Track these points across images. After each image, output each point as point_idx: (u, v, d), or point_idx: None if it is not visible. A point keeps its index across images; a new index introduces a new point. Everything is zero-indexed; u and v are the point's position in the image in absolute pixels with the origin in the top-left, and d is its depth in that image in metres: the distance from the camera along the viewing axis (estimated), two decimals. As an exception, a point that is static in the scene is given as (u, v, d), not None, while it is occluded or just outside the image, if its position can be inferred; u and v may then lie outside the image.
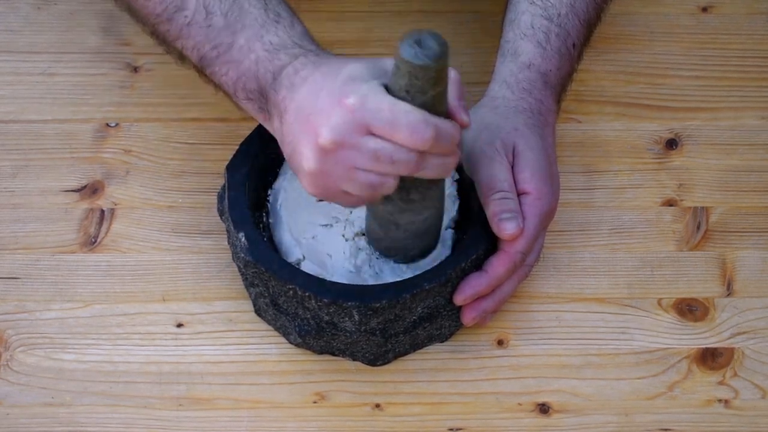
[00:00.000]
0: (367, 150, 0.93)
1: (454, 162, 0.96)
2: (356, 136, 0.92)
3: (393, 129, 0.91)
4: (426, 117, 0.91)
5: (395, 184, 0.95)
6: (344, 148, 0.93)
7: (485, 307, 1.05)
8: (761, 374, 1.08)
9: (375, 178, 0.94)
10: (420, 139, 0.91)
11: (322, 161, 0.94)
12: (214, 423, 1.05)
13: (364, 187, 0.95)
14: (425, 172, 0.94)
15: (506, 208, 1.03)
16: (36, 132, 1.20)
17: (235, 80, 1.01)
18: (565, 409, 1.06)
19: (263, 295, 1.06)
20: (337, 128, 0.92)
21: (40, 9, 1.28)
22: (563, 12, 1.11)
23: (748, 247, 1.15)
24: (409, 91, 0.91)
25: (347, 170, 0.94)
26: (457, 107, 0.95)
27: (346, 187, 0.95)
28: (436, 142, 0.92)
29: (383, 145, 0.92)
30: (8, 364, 1.07)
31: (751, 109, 1.23)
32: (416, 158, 0.93)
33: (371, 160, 0.93)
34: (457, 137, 0.94)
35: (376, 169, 0.93)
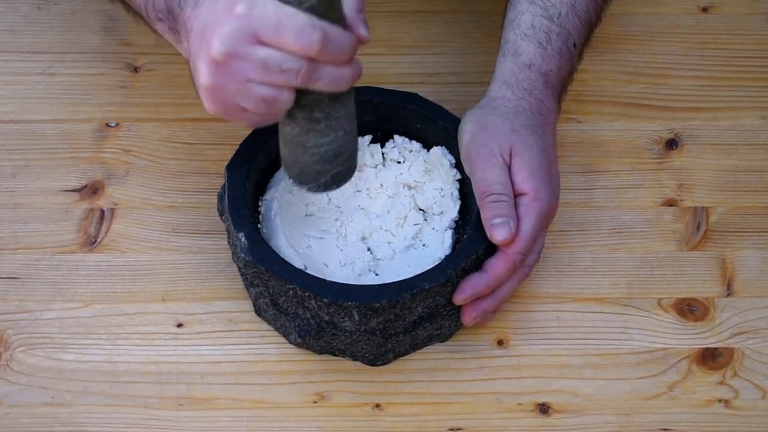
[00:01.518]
0: (257, 59, 0.90)
1: (350, 74, 0.93)
2: (245, 45, 0.90)
3: (279, 33, 0.89)
4: (312, 20, 0.89)
5: (290, 97, 0.93)
6: (235, 59, 0.91)
7: (485, 308, 1.05)
8: (761, 374, 1.08)
9: (268, 90, 0.92)
10: (306, 42, 0.89)
11: (215, 75, 0.92)
12: (214, 423, 1.05)
13: (259, 101, 0.93)
14: (319, 83, 0.92)
15: (498, 212, 1.02)
16: (36, 132, 1.20)
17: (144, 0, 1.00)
18: (565, 409, 1.06)
19: (263, 295, 1.06)
20: (226, 38, 0.90)
21: (40, 9, 1.28)
22: (564, 12, 1.11)
23: (748, 247, 1.15)
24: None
25: (240, 83, 0.92)
26: (355, 19, 0.92)
27: (242, 101, 0.93)
28: (324, 47, 0.89)
29: (271, 53, 0.90)
30: (8, 364, 1.07)
31: (751, 109, 1.23)
32: (306, 66, 0.90)
33: (261, 69, 0.91)
34: (350, 47, 0.91)
35: (267, 79, 0.91)
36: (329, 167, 1.00)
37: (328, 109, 0.96)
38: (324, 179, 1.01)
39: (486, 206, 1.03)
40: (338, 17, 0.91)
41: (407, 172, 1.12)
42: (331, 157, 1.00)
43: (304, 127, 0.97)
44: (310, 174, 1.01)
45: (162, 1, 0.99)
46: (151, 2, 1.00)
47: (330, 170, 1.01)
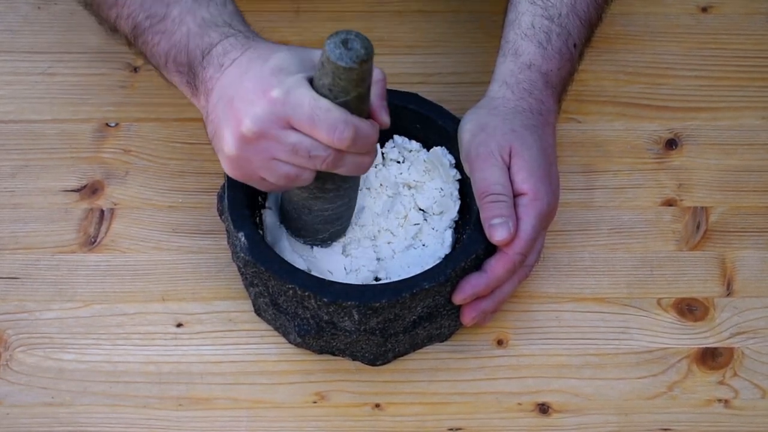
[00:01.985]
0: (287, 143, 0.95)
1: (369, 161, 0.98)
2: (277, 128, 0.94)
3: (313, 126, 0.93)
4: (346, 117, 0.93)
5: (312, 176, 0.97)
6: (265, 138, 0.95)
7: (485, 308, 1.05)
8: (761, 374, 1.08)
9: (292, 170, 0.97)
10: (338, 138, 0.93)
11: (242, 148, 0.96)
12: (214, 423, 1.05)
13: (281, 177, 0.97)
14: (342, 169, 0.97)
15: (497, 212, 1.03)
16: (36, 132, 1.20)
17: (166, 51, 1.03)
18: (565, 409, 1.06)
19: (263, 294, 1.06)
20: (259, 119, 0.94)
21: (40, 9, 1.28)
22: (564, 12, 1.11)
23: (748, 247, 1.15)
24: (332, 89, 0.93)
25: (266, 160, 0.96)
26: (378, 107, 0.97)
27: (264, 174, 0.98)
28: (354, 141, 0.94)
29: (302, 140, 0.95)
30: (8, 364, 1.07)
31: (751, 109, 1.23)
32: (333, 155, 0.95)
33: (290, 153, 0.95)
34: (374, 138, 0.96)
35: (294, 161, 0.96)
36: (329, 227, 1.06)
37: (340, 182, 1.02)
38: (322, 236, 1.07)
39: (485, 206, 1.03)
40: (366, 109, 0.96)
41: (407, 171, 1.12)
42: (334, 219, 1.05)
43: (314, 194, 1.02)
44: (309, 231, 1.07)
45: (184, 56, 1.02)
46: (173, 56, 1.02)
47: (329, 230, 1.06)
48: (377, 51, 1.26)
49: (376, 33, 1.28)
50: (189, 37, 1.01)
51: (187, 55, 1.01)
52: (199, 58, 1.01)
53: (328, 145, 0.94)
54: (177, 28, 1.02)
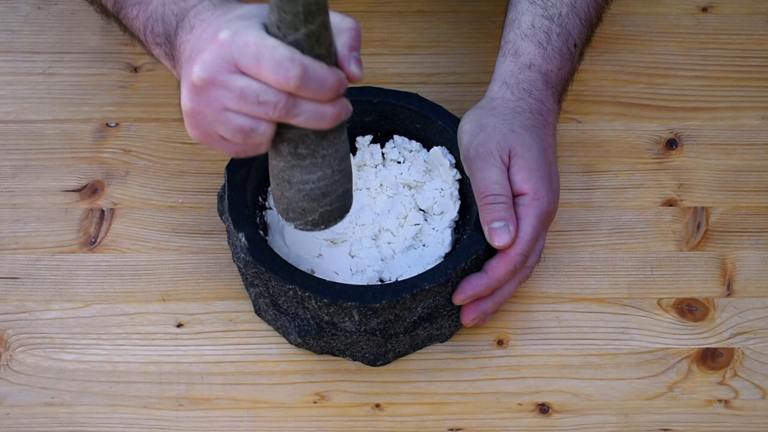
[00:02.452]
0: (234, 88, 0.88)
1: (333, 112, 0.90)
2: (225, 72, 0.88)
3: (258, 64, 0.87)
4: (293, 54, 0.87)
5: (268, 129, 0.90)
6: (214, 85, 0.89)
7: (485, 308, 1.05)
8: (761, 374, 1.08)
9: (245, 120, 0.90)
10: (284, 76, 0.87)
11: (195, 100, 0.90)
12: (214, 423, 1.05)
13: (236, 130, 0.90)
14: (298, 119, 0.89)
15: (497, 215, 1.02)
16: (36, 132, 1.20)
17: (144, 23, 0.99)
18: (565, 409, 1.06)
19: (263, 295, 1.06)
20: (206, 64, 0.88)
21: (40, 9, 1.28)
22: (564, 12, 1.11)
23: (748, 247, 1.15)
24: (280, 27, 0.87)
25: (218, 111, 0.90)
26: (346, 56, 0.90)
27: (219, 129, 0.91)
28: (304, 82, 0.87)
29: (250, 83, 0.88)
30: (8, 364, 1.07)
31: (751, 109, 1.23)
32: (285, 100, 0.88)
33: (239, 99, 0.89)
34: (334, 83, 0.88)
35: (245, 110, 0.89)
36: (316, 206, 0.98)
37: (314, 146, 0.94)
38: (311, 217, 0.99)
39: (484, 207, 1.03)
40: (326, 53, 0.89)
41: (407, 171, 1.12)
42: (318, 195, 0.97)
43: (290, 162, 0.95)
44: (296, 211, 0.99)
45: (160, 26, 0.98)
46: (150, 26, 0.99)
47: (317, 209, 0.98)
48: (377, 51, 1.27)
49: (376, 33, 1.28)
50: (165, 6, 0.97)
51: (163, 23, 0.98)
52: (174, 25, 0.97)
53: (276, 86, 0.87)
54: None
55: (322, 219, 0.99)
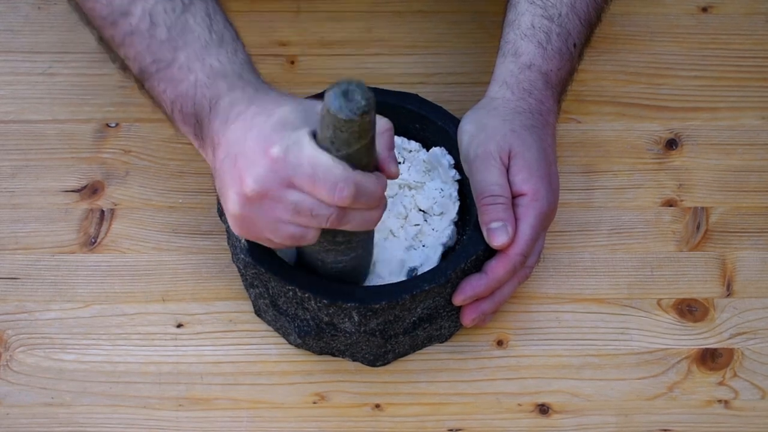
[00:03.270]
0: (289, 203, 0.93)
1: (377, 215, 0.95)
2: (279, 188, 0.92)
3: (312, 184, 0.91)
4: (347, 174, 0.91)
5: (316, 235, 0.95)
6: (267, 199, 0.93)
7: (485, 309, 1.05)
8: (761, 374, 1.08)
9: (297, 229, 0.95)
10: (339, 197, 0.91)
11: (246, 208, 0.94)
12: (214, 423, 1.05)
13: (286, 237, 0.95)
14: (347, 226, 0.94)
15: (495, 216, 1.02)
16: (36, 132, 1.20)
17: (173, 100, 1.00)
18: (565, 409, 1.06)
19: (263, 296, 1.06)
20: (260, 179, 0.92)
21: (40, 9, 1.28)
22: (564, 12, 1.11)
23: (748, 247, 1.15)
24: (334, 142, 0.90)
25: (270, 221, 0.94)
26: (386, 159, 0.95)
27: (269, 235, 0.96)
28: (356, 198, 0.92)
29: (304, 199, 0.92)
30: (8, 364, 1.07)
31: (751, 109, 1.23)
32: (337, 213, 0.93)
33: (292, 212, 0.93)
34: (379, 192, 0.94)
35: (298, 221, 0.94)
36: (345, 279, 1.03)
37: (350, 235, 0.98)
38: None
39: (483, 208, 1.03)
40: (370, 162, 0.93)
41: (407, 172, 1.12)
42: (348, 271, 1.03)
43: (326, 247, 1.00)
44: None
45: (191, 107, 0.99)
46: (179, 105, 0.99)
47: (345, 281, 1.03)
48: (377, 51, 1.27)
49: (376, 33, 1.28)
50: (197, 87, 0.98)
51: (194, 106, 0.98)
52: (207, 109, 0.98)
53: (330, 203, 0.92)
54: (185, 76, 0.98)
55: None
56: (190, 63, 0.98)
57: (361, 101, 0.88)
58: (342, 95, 0.88)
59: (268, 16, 1.28)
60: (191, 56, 0.98)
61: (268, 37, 1.27)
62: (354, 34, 1.28)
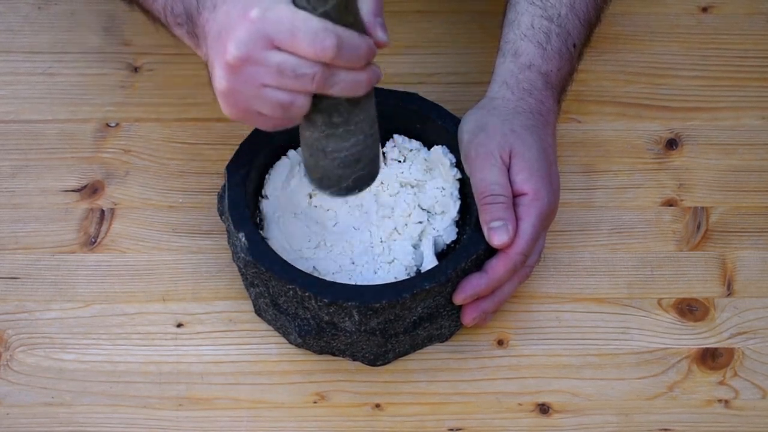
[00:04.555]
0: (271, 64, 0.90)
1: (366, 78, 0.93)
2: (260, 50, 0.90)
3: (293, 38, 0.89)
4: (326, 25, 0.89)
5: (306, 101, 0.92)
6: (250, 63, 0.91)
7: (485, 308, 1.05)
8: (761, 374, 1.08)
9: (283, 95, 0.92)
10: (320, 47, 0.89)
11: (231, 79, 0.92)
12: (214, 423, 1.05)
13: (274, 105, 0.93)
14: (335, 88, 0.92)
15: (496, 215, 1.03)
16: (36, 132, 1.20)
17: (163, 5, 1.00)
18: (565, 409, 1.06)
19: (263, 295, 1.06)
20: (240, 43, 0.90)
21: (40, 9, 1.28)
22: (563, 12, 1.11)
23: (748, 247, 1.15)
24: (310, 0, 0.89)
25: (256, 87, 0.92)
26: (372, 23, 0.92)
27: (257, 106, 0.93)
28: (339, 51, 0.89)
29: (286, 58, 0.90)
30: (8, 364, 1.07)
31: (751, 109, 1.23)
32: (321, 71, 0.90)
33: (276, 74, 0.91)
34: (366, 51, 0.91)
35: (282, 84, 0.91)
36: (350, 172, 1.00)
37: (347, 114, 0.96)
38: (345, 183, 1.01)
39: (483, 207, 1.03)
40: (354, 21, 0.91)
41: (408, 171, 1.12)
42: (352, 161, 0.99)
43: (324, 131, 0.97)
44: (332, 179, 1.00)
45: (180, 6, 0.99)
46: (170, 7, 1.00)
47: (351, 175, 1.00)
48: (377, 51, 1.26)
49: (376, 33, 1.28)
50: None
51: (183, 3, 0.98)
52: (194, 4, 0.97)
53: (312, 58, 0.89)
54: None
55: (356, 184, 1.01)
56: None
57: None
58: None
59: (268, 16, 1.28)
60: None
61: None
62: (354, 34, 1.28)
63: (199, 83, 1.12)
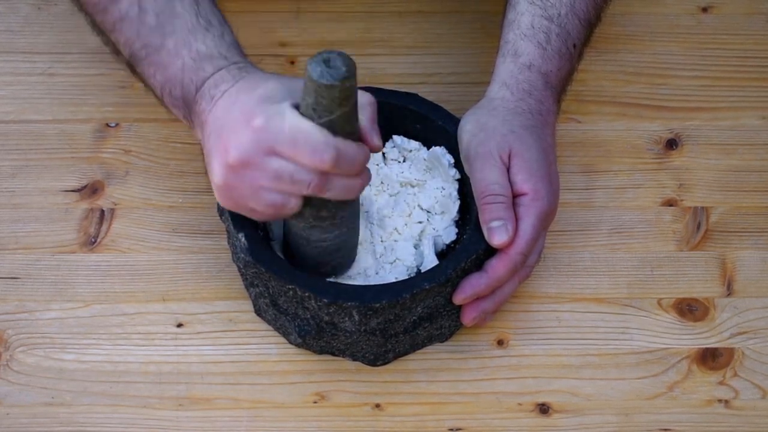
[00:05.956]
0: (270, 170, 0.95)
1: (361, 184, 0.98)
2: (261, 156, 0.95)
3: (294, 150, 0.94)
4: (327, 138, 0.93)
5: (298, 204, 0.97)
6: (249, 167, 0.95)
7: (485, 308, 1.05)
8: (761, 374, 1.08)
9: (278, 197, 0.97)
10: (319, 159, 0.93)
11: (229, 177, 0.97)
12: (214, 423, 1.05)
13: (268, 205, 0.98)
14: (330, 193, 0.96)
15: (496, 215, 1.03)
16: (36, 132, 1.20)
17: (162, 84, 1.03)
18: (565, 409, 1.06)
19: (263, 295, 1.06)
20: (242, 148, 0.95)
21: (40, 9, 1.28)
22: (563, 12, 1.11)
23: (748, 247, 1.15)
24: (316, 109, 0.93)
25: (252, 188, 0.97)
26: (368, 130, 0.97)
27: (252, 204, 0.98)
28: (337, 163, 0.94)
29: (285, 165, 0.95)
30: (8, 364, 1.07)
31: (751, 109, 1.23)
32: (318, 179, 0.95)
33: (273, 179, 0.95)
34: (362, 160, 0.96)
35: (279, 188, 0.96)
36: (329, 259, 1.05)
37: (335, 210, 1.00)
38: (323, 270, 1.06)
39: (483, 207, 1.03)
40: (352, 131, 0.96)
41: (408, 170, 1.12)
42: (333, 250, 1.04)
43: (311, 223, 1.01)
44: (310, 264, 1.05)
45: (179, 90, 1.02)
46: (168, 89, 1.03)
47: (330, 262, 1.05)
48: (377, 51, 1.27)
49: (376, 33, 1.28)
50: (184, 71, 1.01)
51: (182, 89, 1.01)
52: (193, 92, 1.01)
53: (311, 168, 0.94)
54: (172, 61, 1.01)
55: (333, 270, 1.07)
56: (177, 48, 1.01)
57: (341, 68, 0.91)
58: (323, 62, 0.91)
59: (268, 17, 1.28)
60: (179, 41, 1.01)
61: (268, 37, 1.27)
62: (354, 35, 1.28)
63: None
